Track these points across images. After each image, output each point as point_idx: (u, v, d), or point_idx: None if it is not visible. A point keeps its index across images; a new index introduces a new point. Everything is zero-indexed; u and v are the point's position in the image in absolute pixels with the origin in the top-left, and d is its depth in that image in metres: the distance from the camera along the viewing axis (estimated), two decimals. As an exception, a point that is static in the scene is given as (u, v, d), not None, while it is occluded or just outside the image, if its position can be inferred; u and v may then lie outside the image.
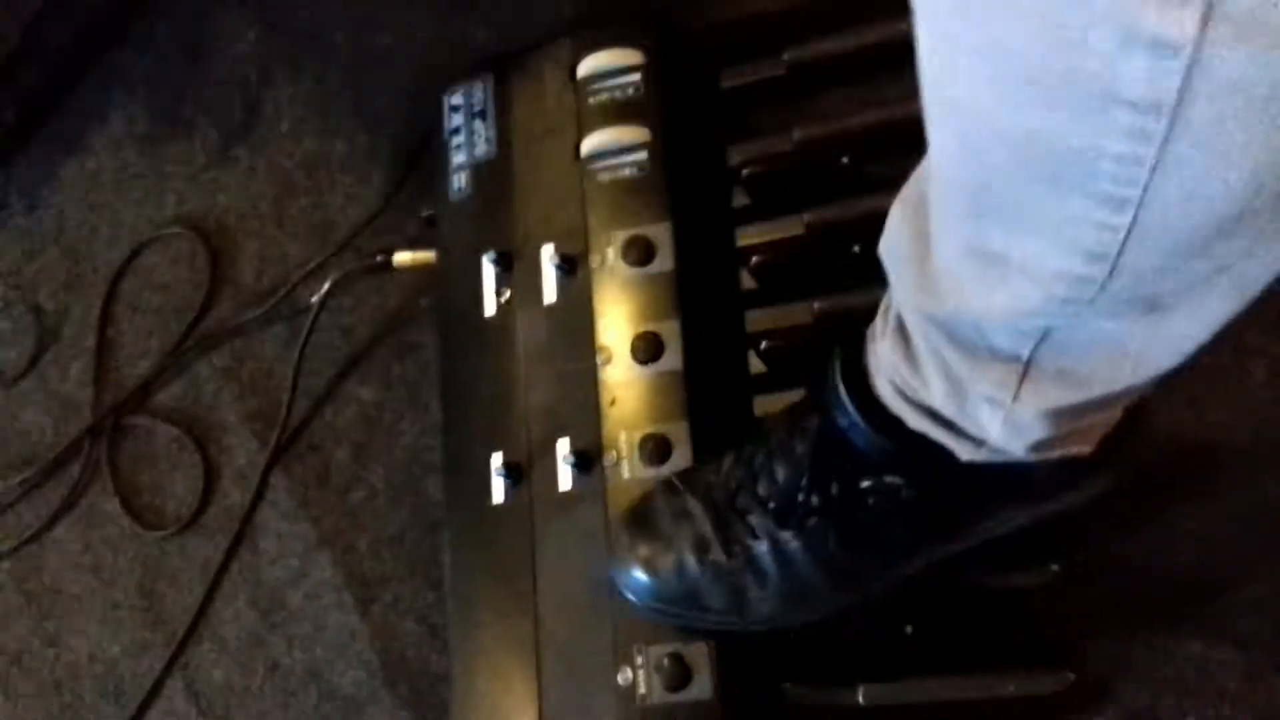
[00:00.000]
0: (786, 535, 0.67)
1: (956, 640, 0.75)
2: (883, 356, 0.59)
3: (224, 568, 0.97)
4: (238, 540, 0.97)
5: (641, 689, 0.72)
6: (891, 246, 0.55)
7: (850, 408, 0.61)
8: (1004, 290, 0.44)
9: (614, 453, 0.76)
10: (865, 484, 0.63)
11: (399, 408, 0.96)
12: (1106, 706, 0.72)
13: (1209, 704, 0.71)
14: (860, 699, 0.72)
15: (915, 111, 0.88)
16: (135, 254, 1.08)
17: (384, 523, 0.93)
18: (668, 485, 0.72)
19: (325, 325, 0.98)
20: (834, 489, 0.64)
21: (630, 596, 0.72)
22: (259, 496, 0.98)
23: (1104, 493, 0.65)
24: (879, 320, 0.60)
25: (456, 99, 0.89)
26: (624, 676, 0.72)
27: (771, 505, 0.67)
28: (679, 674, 0.71)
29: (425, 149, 0.94)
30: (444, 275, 0.87)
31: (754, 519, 0.68)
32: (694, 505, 0.70)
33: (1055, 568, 0.72)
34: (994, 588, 0.74)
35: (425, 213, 0.91)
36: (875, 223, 0.83)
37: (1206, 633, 0.71)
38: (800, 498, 0.65)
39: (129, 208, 1.10)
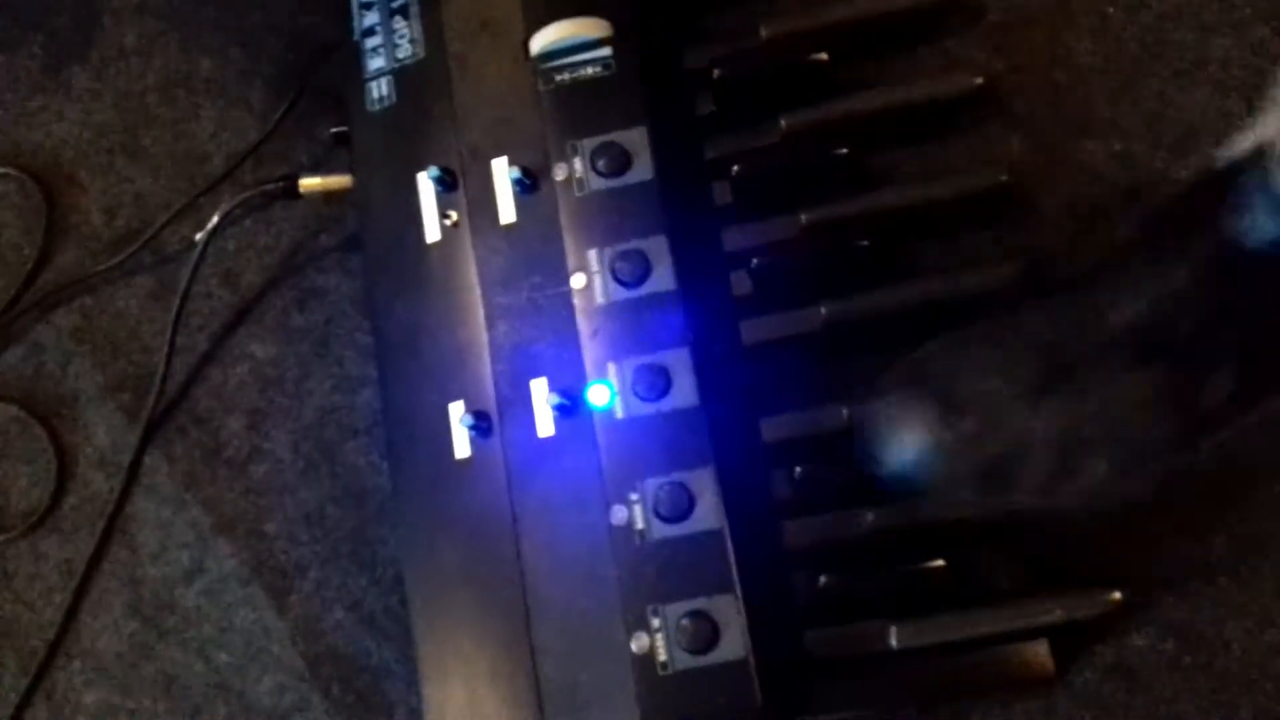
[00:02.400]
0: (1144, 376, 0.56)
1: (988, 571, 0.69)
2: None
3: (91, 570, 0.80)
4: (106, 536, 0.81)
5: (661, 655, 0.62)
6: None
7: None
8: None
9: (602, 390, 0.66)
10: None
11: (304, 364, 0.82)
12: (1144, 624, 0.68)
13: (1247, 612, 0.68)
14: (893, 641, 0.65)
15: (895, 5, 0.76)
16: (-57, 200, 0.89)
17: (296, 499, 0.79)
18: (950, 342, 0.60)
19: (201, 273, 0.82)
20: (1226, 320, 0.54)
21: (909, 475, 0.61)
22: (131, 481, 0.81)
23: None
24: None
25: (369, -7, 0.76)
26: (639, 643, 0.63)
27: (1128, 348, 0.55)
28: (705, 633, 0.62)
29: (323, 58, 0.80)
30: (367, 199, 0.74)
31: (1098, 369, 0.56)
32: (1005, 358, 0.58)
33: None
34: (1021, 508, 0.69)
35: (334, 129, 0.77)
36: (858, 125, 0.78)
37: (1238, 541, 0.69)
38: (1179, 332, 0.54)
39: (-70, 144, 0.90)
